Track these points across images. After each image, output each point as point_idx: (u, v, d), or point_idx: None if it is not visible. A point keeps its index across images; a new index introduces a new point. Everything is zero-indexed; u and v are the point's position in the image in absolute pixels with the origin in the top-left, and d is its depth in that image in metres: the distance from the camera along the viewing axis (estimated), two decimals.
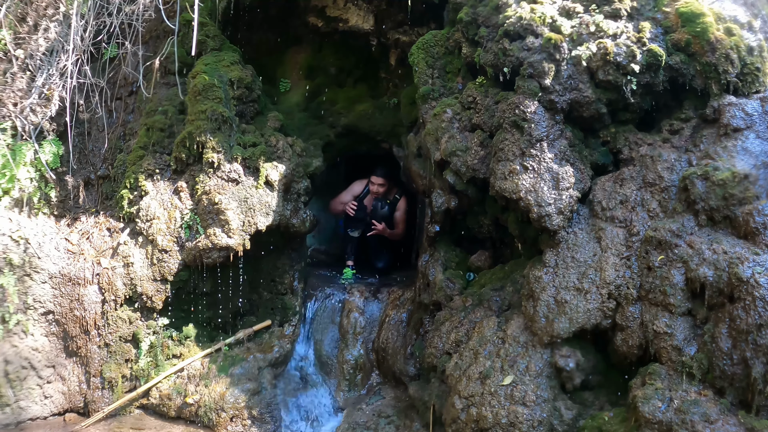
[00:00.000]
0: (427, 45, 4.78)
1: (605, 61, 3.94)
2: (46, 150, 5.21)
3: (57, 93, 5.07)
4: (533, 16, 4.11)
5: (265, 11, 5.92)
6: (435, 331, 4.47)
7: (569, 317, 3.74)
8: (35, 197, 5.20)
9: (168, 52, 5.30)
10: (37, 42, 5.02)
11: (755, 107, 3.83)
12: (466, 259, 4.82)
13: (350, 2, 5.52)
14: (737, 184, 3.52)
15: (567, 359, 3.72)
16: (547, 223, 3.89)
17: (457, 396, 3.92)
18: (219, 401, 4.78)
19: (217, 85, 5.12)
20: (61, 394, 5.02)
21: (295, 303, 5.45)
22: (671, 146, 4.00)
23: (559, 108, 4.02)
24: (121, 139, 5.55)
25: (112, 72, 5.49)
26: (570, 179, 3.95)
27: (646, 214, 3.85)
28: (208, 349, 5.10)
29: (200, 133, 4.99)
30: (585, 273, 3.81)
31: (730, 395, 3.16)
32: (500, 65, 4.18)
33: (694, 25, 3.92)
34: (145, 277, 4.98)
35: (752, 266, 3.22)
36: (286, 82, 6.27)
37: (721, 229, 3.57)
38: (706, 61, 3.88)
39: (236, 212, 4.90)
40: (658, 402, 3.24)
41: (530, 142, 3.98)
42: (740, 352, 3.12)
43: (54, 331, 5.02)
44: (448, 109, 4.51)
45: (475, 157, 4.34)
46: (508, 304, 4.25)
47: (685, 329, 3.42)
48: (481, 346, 4.03)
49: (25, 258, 4.97)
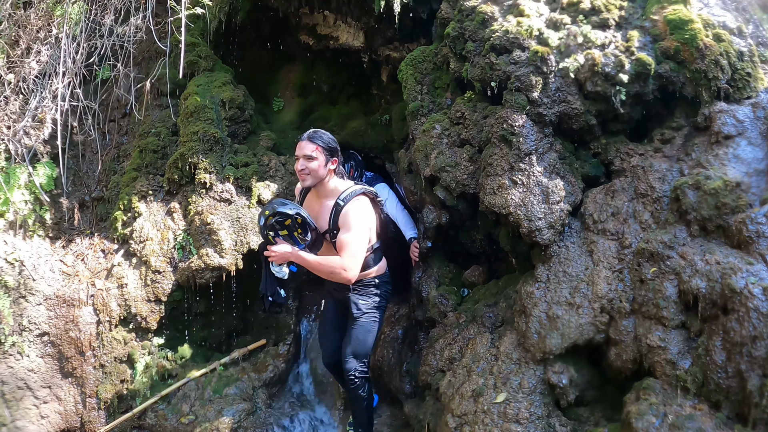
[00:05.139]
0: (416, 61, 4.77)
1: (593, 72, 3.91)
2: (40, 172, 5.24)
3: (50, 116, 5.10)
4: (520, 29, 4.09)
5: (258, 30, 5.95)
6: (429, 348, 4.41)
7: (561, 333, 3.67)
8: (30, 219, 5.23)
9: (160, 74, 5.34)
10: (30, 65, 5.06)
11: (747, 113, 3.76)
12: (460, 274, 4.76)
13: (340, 20, 5.53)
14: (729, 193, 3.45)
15: (560, 375, 3.65)
16: (538, 237, 3.84)
17: (450, 414, 3.85)
18: (214, 421, 4.74)
19: (209, 106, 5.14)
20: (58, 414, 5.02)
21: (290, 321, 5.41)
22: (663, 156, 3.94)
23: (547, 121, 3.98)
24: (115, 160, 5.57)
25: (105, 94, 5.53)
26: (560, 192, 3.90)
27: (638, 226, 3.78)
28: (203, 369, 5.06)
29: (192, 154, 5.00)
30: (577, 287, 3.75)
31: (726, 409, 3.07)
32: (487, 79, 4.16)
33: (682, 32, 3.88)
34: (139, 298, 4.97)
35: (746, 276, 3.14)
36: (279, 101, 6.29)
37: (714, 239, 3.49)
38: (695, 68, 3.83)
39: (228, 232, 4.89)
40: (652, 418, 3.15)
41: (519, 156, 3.94)
42: (735, 364, 3.04)
43: (49, 352, 5.02)
44: (436, 124, 4.49)
45: (464, 173, 4.30)
46: (501, 320, 4.18)
47: (679, 342, 3.34)
48: (475, 364, 3.97)
49: (20, 280, 4.98)
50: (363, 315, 4.08)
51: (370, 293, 4.12)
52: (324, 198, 3.92)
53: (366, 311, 4.09)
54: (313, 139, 3.82)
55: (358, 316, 4.07)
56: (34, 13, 5.20)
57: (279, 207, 3.67)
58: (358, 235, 3.75)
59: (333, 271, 3.72)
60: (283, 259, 3.76)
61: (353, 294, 4.08)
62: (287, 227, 3.72)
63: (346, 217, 3.77)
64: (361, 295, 4.10)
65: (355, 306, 4.08)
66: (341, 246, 3.73)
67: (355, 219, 3.75)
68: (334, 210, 3.80)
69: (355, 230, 3.74)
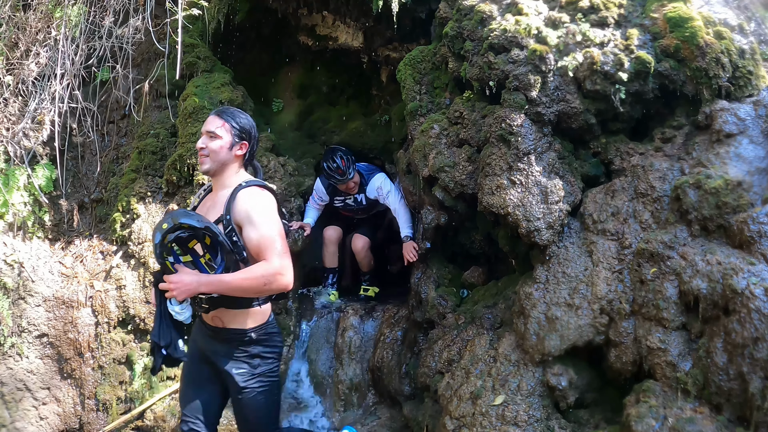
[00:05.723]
0: (415, 61, 4.74)
1: (592, 70, 3.87)
2: (39, 174, 5.25)
3: (49, 117, 5.11)
4: (518, 28, 4.05)
5: (257, 31, 5.95)
6: (428, 349, 4.38)
7: (560, 334, 3.63)
8: (29, 221, 5.23)
9: (159, 75, 5.33)
10: (29, 67, 5.06)
11: (748, 111, 3.71)
12: (460, 275, 4.72)
13: (339, 20, 5.51)
14: (730, 192, 3.41)
15: (559, 377, 3.60)
16: (537, 238, 3.80)
17: (448, 417, 3.81)
18: None
19: (207, 107, 5.13)
20: (57, 415, 5.02)
21: (290, 323, 5.38)
22: (663, 155, 3.90)
23: (546, 120, 3.94)
24: (114, 162, 5.57)
25: (104, 95, 5.52)
26: (559, 192, 3.86)
27: (638, 226, 3.74)
28: None
29: (191, 156, 5.00)
30: (576, 288, 3.71)
31: (727, 412, 3.03)
32: (486, 79, 4.12)
33: (682, 30, 3.83)
34: (138, 300, 4.96)
35: (747, 277, 3.09)
36: (278, 102, 6.28)
37: (715, 239, 3.45)
38: (696, 66, 3.78)
39: None
40: (652, 420, 3.11)
41: (517, 156, 3.90)
42: (736, 366, 2.99)
43: (48, 353, 5.02)
44: (435, 124, 4.46)
45: (463, 173, 4.27)
46: (500, 322, 4.15)
47: (680, 344, 3.30)
48: (473, 365, 3.93)
49: (20, 281, 4.99)
50: (242, 391, 3.00)
51: (246, 355, 2.99)
52: (221, 190, 3.06)
53: (244, 384, 2.98)
54: (221, 114, 3.09)
55: (238, 392, 3.01)
56: (33, 15, 5.21)
57: (182, 218, 2.70)
58: (275, 226, 2.90)
59: (266, 281, 2.79)
60: (187, 293, 2.71)
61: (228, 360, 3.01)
62: (191, 251, 2.79)
63: (247, 205, 2.89)
64: (236, 360, 2.99)
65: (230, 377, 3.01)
66: (260, 245, 2.84)
67: (262, 208, 2.91)
68: (230, 197, 2.92)
69: (269, 221, 2.89)
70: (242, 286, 2.80)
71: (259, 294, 2.90)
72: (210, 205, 3.07)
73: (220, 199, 2.99)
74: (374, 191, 5.40)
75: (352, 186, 5.39)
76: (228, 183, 3.04)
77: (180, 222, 2.67)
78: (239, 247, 2.86)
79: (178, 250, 2.75)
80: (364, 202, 5.56)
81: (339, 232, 5.73)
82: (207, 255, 2.80)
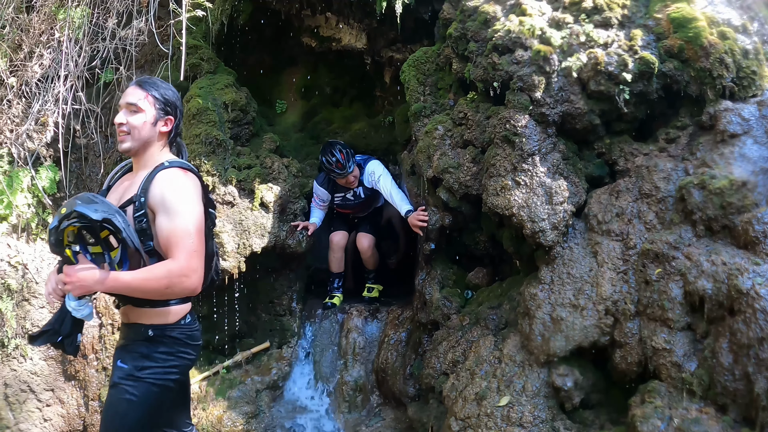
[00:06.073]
0: (418, 62, 4.75)
1: (596, 71, 3.87)
2: (42, 176, 5.24)
3: (52, 119, 5.11)
4: (522, 28, 4.05)
5: (260, 33, 5.94)
6: (432, 351, 4.38)
7: (565, 335, 3.63)
8: (33, 223, 5.23)
9: (162, 76, 5.32)
10: (33, 69, 5.07)
11: (752, 112, 3.71)
12: (464, 276, 4.72)
13: (342, 22, 5.51)
14: (735, 192, 3.41)
15: (565, 378, 3.60)
16: (542, 238, 3.80)
17: (453, 418, 3.81)
18: (217, 424, 4.72)
19: (211, 109, 5.13)
20: (60, 417, 5.01)
21: (294, 324, 5.39)
22: (668, 155, 3.90)
23: (550, 121, 3.95)
24: (118, 164, 5.57)
25: (107, 97, 5.51)
26: (564, 193, 3.86)
27: (643, 227, 3.74)
28: (206, 372, 5.04)
29: (195, 157, 4.99)
30: (581, 289, 3.71)
31: (732, 412, 3.03)
32: (490, 80, 4.13)
33: (686, 30, 3.84)
34: None
35: (752, 277, 3.09)
36: (282, 103, 6.28)
37: (720, 240, 3.45)
38: (700, 66, 3.79)
39: (231, 235, 4.88)
40: (657, 421, 3.11)
41: (522, 157, 3.90)
42: (742, 367, 2.99)
43: (52, 354, 5.02)
44: (439, 125, 4.46)
45: (467, 174, 4.27)
46: (505, 323, 4.15)
47: (685, 344, 3.30)
48: (478, 366, 3.93)
49: (23, 283, 4.98)
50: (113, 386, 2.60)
51: (136, 353, 2.61)
52: (141, 170, 2.70)
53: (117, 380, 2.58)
54: (143, 85, 2.71)
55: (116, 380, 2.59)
56: (37, 17, 5.22)
57: (80, 206, 2.34)
58: (191, 218, 2.52)
59: (168, 283, 2.45)
60: (82, 290, 2.42)
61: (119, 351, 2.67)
62: (103, 242, 2.44)
63: (164, 189, 2.53)
64: (124, 352, 2.64)
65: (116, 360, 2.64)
66: (169, 238, 2.48)
67: (181, 195, 2.55)
68: (147, 177, 2.58)
69: (185, 211, 2.52)
70: (141, 288, 2.47)
71: (161, 297, 2.55)
72: (127, 186, 2.71)
73: (138, 180, 2.64)
74: (368, 177, 5.35)
75: (352, 180, 5.35)
76: (149, 163, 2.68)
77: (75, 210, 2.32)
78: (147, 236, 2.52)
79: (89, 239, 2.43)
80: (363, 194, 5.51)
81: (346, 237, 5.72)
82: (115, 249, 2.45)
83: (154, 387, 2.59)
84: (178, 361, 2.66)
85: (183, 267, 2.45)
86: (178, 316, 2.66)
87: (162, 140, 2.74)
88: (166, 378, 2.62)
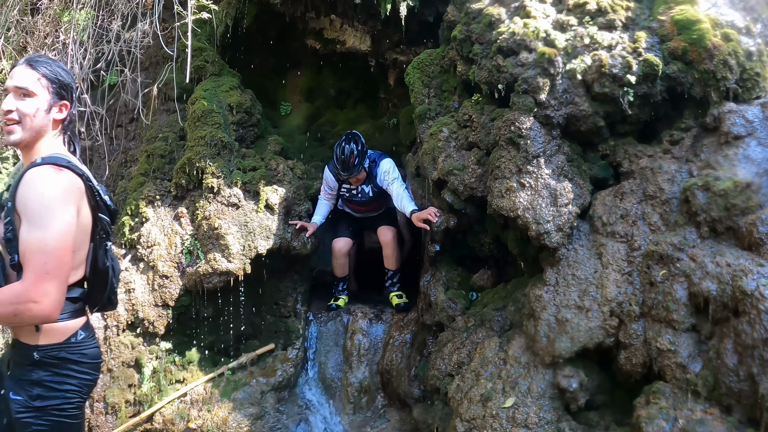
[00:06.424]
0: (423, 64, 4.77)
1: (601, 73, 3.88)
2: None
3: None
4: (526, 31, 4.07)
5: (264, 35, 5.97)
6: (437, 352, 4.39)
7: (571, 336, 3.64)
8: None
9: (167, 79, 5.35)
10: None
11: (756, 113, 3.72)
12: (469, 278, 4.74)
13: (346, 24, 5.54)
14: (739, 194, 3.42)
15: (570, 379, 3.61)
16: (546, 240, 3.81)
17: (458, 419, 3.82)
18: (222, 426, 4.73)
19: (216, 111, 5.15)
20: None
21: (299, 326, 5.40)
22: (672, 157, 3.91)
23: (555, 123, 3.96)
24: (123, 165, 5.60)
25: (112, 99, 5.55)
26: (569, 195, 3.88)
27: (647, 228, 3.75)
28: (211, 373, 5.05)
29: (200, 159, 5.01)
30: (586, 290, 3.72)
31: (737, 413, 3.04)
32: (495, 82, 4.14)
33: (690, 32, 3.85)
34: (147, 303, 4.97)
35: (756, 278, 3.10)
36: (286, 105, 6.30)
37: (724, 241, 3.46)
38: (704, 68, 3.80)
39: (236, 237, 4.89)
40: (662, 422, 3.12)
41: (527, 159, 3.92)
42: (747, 368, 3.00)
43: None
44: (444, 128, 4.48)
45: (472, 176, 4.29)
46: (509, 324, 4.16)
47: (690, 346, 3.31)
48: (483, 368, 3.94)
49: None
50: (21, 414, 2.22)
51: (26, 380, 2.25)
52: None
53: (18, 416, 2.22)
54: (35, 64, 2.28)
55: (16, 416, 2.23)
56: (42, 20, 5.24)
57: None
58: (54, 231, 2.08)
59: (15, 310, 2.04)
60: None
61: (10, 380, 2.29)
62: None
63: (28, 193, 2.10)
64: (14, 381, 2.27)
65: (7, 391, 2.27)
66: (23, 254, 2.08)
67: (46, 200, 2.10)
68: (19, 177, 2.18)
69: (47, 222, 2.08)
70: None
71: (12, 325, 2.19)
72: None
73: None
74: (381, 176, 5.27)
75: (354, 182, 5.35)
76: (36, 157, 2.25)
77: None
78: (14, 248, 2.13)
79: None
80: (371, 193, 5.48)
81: (349, 244, 5.69)
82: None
83: (60, 418, 2.28)
84: (74, 385, 2.31)
85: (29, 291, 2.03)
86: (66, 334, 2.29)
87: (56, 130, 2.34)
88: (67, 406, 2.30)
